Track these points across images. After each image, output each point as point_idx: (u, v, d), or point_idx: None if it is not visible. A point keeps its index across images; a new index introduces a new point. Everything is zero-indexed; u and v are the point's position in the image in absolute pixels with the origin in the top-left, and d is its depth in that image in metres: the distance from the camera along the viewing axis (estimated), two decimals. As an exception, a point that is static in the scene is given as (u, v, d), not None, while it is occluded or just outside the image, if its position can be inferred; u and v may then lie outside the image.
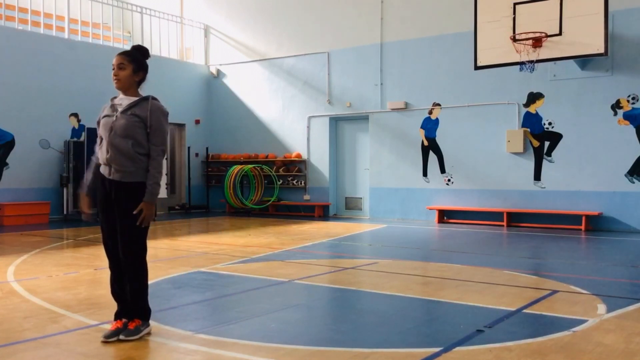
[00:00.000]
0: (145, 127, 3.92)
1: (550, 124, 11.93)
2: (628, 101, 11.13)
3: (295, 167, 15.34)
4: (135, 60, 4.00)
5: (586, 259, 7.91)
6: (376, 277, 6.24)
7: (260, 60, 16.03)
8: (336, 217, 14.47)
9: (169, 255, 7.87)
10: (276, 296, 5.30)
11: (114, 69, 3.99)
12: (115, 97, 4.09)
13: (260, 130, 15.99)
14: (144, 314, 3.96)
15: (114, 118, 3.94)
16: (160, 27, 16.43)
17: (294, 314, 4.66)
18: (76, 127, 13.81)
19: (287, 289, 5.67)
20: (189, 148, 16.30)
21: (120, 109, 3.95)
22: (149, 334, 3.94)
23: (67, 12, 14.16)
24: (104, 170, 3.95)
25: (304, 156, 15.17)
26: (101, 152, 3.97)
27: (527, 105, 12.17)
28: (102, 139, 3.99)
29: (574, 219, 11.49)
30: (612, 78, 11.23)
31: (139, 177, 3.90)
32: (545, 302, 5.02)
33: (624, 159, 11.17)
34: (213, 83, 16.95)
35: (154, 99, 4.01)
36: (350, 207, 14.84)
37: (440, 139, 13.22)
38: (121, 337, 3.83)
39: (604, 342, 3.81)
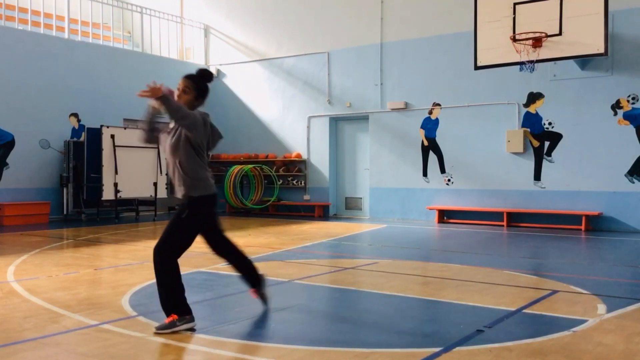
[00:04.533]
0: (187, 140, 4.11)
1: (550, 124, 11.92)
2: (628, 101, 11.13)
3: (295, 167, 15.34)
4: (200, 88, 4.25)
5: (586, 259, 7.91)
6: (376, 277, 6.24)
7: (260, 60, 16.03)
8: (336, 217, 14.47)
9: (169, 255, 7.86)
10: (276, 296, 5.29)
11: (178, 90, 4.21)
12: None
13: (260, 130, 16.00)
14: (180, 310, 4.03)
15: (166, 142, 4.20)
16: (160, 27, 16.42)
17: (294, 314, 4.66)
18: (76, 127, 13.81)
19: (287, 289, 5.67)
20: (189, 148, 16.28)
21: (170, 132, 4.19)
22: (191, 329, 4.01)
23: (67, 12, 14.16)
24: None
25: (304, 156, 15.17)
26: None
27: (527, 105, 12.17)
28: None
29: (574, 219, 11.49)
30: (612, 78, 11.23)
31: (196, 192, 4.13)
32: (545, 302, 5.02)
33: (624, 159, 11.17)
34: (213, 83, 16.91)
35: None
36: (350, 207, 14.84)
37: (440, 139, 13.22)
38: (153, 329, 3.99)
39: (604, 342, 3.81)
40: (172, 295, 4.04)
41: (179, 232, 4.09)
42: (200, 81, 4.23)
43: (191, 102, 4.17)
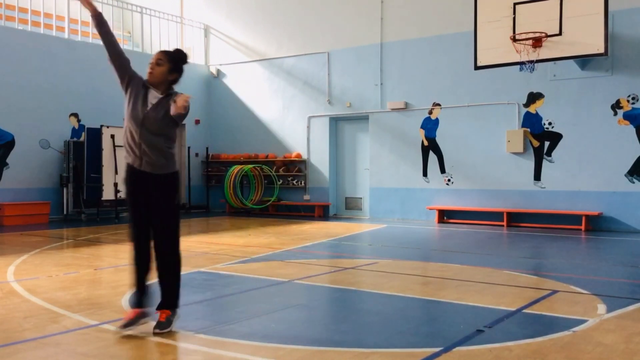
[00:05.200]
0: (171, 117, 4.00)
1: (550, 124, 11.93)
2: (628, 101, 11.13)
3: (295, 167, 15.34)
4: (174, 61, 4.08)
5: (586, 259, 7.91)
6: (376, 277, 6.24)
7: (260, 60, 16.04)
8: (336, 217, 14.47)
9: (169, 255, 7.86)
10: (276, 296, 5.30)
11: (151, 64, 4.04)
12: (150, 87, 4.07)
13: (260, 130, 16.00)
14: (176, 304, 4.07)
15: (144, 115, 3.98)
16: (160, 27, 16.43)
17: (294, 314, 4.66)
18: (76, 127, 13.81)
19: (287, 289, 5.67)
20: (189, 148, 16.30)
21: (150, 105, 4.01)
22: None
23: (67, 12, 14.16)
24: (131, 161, 4.03)
25: (304, 156, 15.17)
26: (128, 141, 4.03)
27: (527, 105, 12.17)
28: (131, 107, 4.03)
29: (574, 219, 11.49)
30: (612, 78, 11.23)
31: (170, 168, 4.08)
32: (545, 302, 5.02)
33: (624, 159, 11.17)
34: (213, 83, 16.95)
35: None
36: (350, 207, 14.84)
37: (440, 139, 13.22)
38: (156, 331, 3.91)
39: (604, 342, 3.81)
40: (178, 289, 4.09)
41: (177, 217, 4.12)
42: (175, 55, 4.12)
43: (165, 75, 4.04)
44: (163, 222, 4.02)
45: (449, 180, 13.10)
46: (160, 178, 4.03)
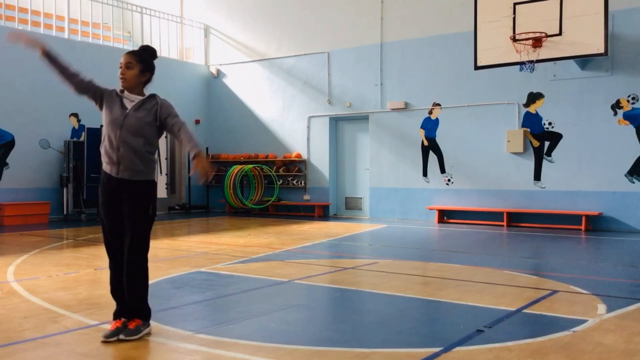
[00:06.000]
0: (155, 123, 3.94)
1: (550, 124, 11.93)
2: (628, 101, 11.13)
3: (295, 167, 15.34)
4: (143, 61, 3.99)
5: (586, 259, 7.90)
6: (376, 277, 6.24)
7: (260, 60, 16.04)
8: (336, 217, 14.47)
9: (169, 255, 7.87)
10: (276, 296, 5.30)
11: (121, 68, 3.96)
12: (122, 92, 4.01)
13: (260, 130, 16.00)
14: (145, 314, 3.97)
15: (124, 116, 3.90)
16: (160, 27, 16.43)
17: (294, 314, 4.65)
18: (76, 127, 13.81)
19: (287, 289, 5.67)
20: (189, 148, 16.27)
21: (129, 107, 3.94)
22: (149, 334, 3.94)
23: (67, 12, 14.16)
24: (109, 169, 3.92)
25: (304, 156, 15.17)
26: (106, 149, 3.93)
27: (527, 105, 12.17)
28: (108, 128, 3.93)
29: (574, 219, 11.49)
30: (612, 78, 11.23)
31: (148, 175, 3.95)
32: (545, 302, 5.02)
33: (624, 159, 11.17)
34: (213, 83, 16.95)
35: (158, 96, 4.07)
36: (350, 207, 14.84)
37: (440, 139, 13.22)
38: (121, 336, 3.81)
39: (604, 342, 3.81)
40: (145, 298, 3.98)
41: (149, 227, 4.00)
42: (144, 54, 4.01)
43: (137, 78, 3.95)
44: (134, 230, 3.91)
45: (449, 180, 13.10)
46: (136, 184, 3.90)
